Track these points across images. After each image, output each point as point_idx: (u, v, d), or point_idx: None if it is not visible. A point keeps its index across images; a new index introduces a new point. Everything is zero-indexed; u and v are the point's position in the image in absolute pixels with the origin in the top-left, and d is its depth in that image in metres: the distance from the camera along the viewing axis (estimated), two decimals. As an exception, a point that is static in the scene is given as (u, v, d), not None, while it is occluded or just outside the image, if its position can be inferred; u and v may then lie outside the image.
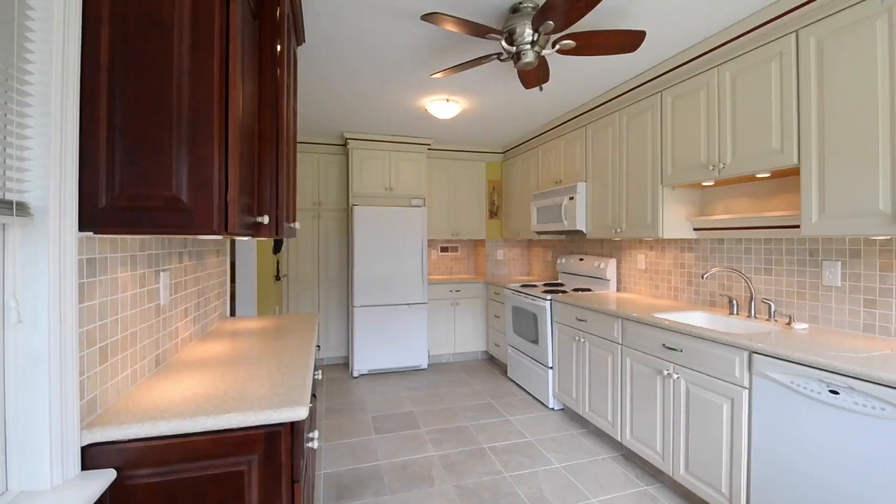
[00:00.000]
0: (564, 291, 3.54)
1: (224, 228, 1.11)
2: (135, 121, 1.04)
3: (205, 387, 1.29)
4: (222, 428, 1.08)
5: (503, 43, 2.04)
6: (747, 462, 1.83)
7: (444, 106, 3.36)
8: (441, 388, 3.89)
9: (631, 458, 2.61)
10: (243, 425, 1.09)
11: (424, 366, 4.42)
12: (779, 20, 2.00)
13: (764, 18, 2.04)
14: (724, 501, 1.91)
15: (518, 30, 2.00)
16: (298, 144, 4.45)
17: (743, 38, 2.16)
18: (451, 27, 1.91)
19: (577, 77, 2.90)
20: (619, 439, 2.61)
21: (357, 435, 2.95)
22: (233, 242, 3.28)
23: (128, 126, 1.04)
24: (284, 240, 4.22)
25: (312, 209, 4.52)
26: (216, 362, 1.55)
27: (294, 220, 2.05)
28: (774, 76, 2.03)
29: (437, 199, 4.91)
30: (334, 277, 4.60)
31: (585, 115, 3.49)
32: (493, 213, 5.17)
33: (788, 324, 2.14)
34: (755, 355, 1.78)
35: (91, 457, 1.01)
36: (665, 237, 2.73)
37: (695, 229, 2.76)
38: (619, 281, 3.58)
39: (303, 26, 2.09)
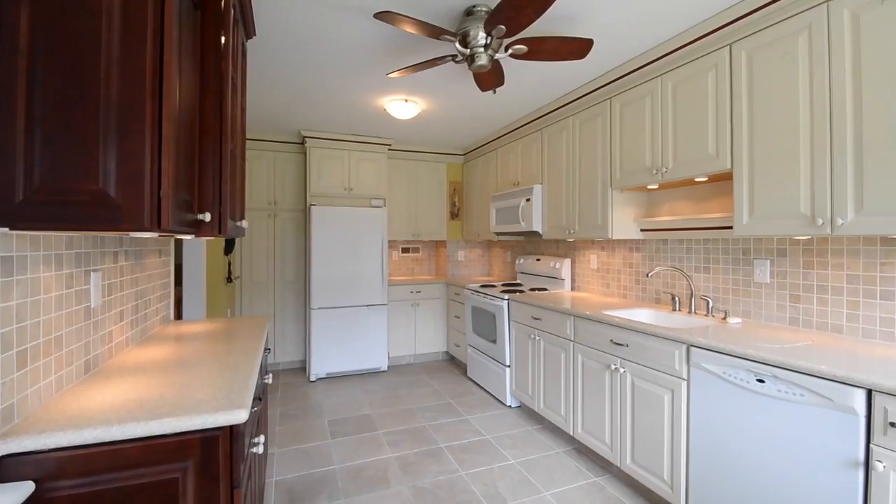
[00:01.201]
0: (522, 291, 3.61)
1: (157, 225, 1.06)
2: (58, 110, 0.98)
3: (138, 392, 1.22)
4: (154, 434, 1.03)
5: (457, 45, 2.07)
6: (686, 450, 1.93)
7: (403, 106, 3.36)
8: (400, 389, 3.87)
9: (583, 452, 2.69)
10: (177, 431, 1.04)
11: (384, 368, 4.39)
12: (714, 34, 2.13)
13: (701, 32, 2.17)
14: (667, 488, 2.01)
15: (472, 32, 2.03)
16: (253, 142, 4.31)
17: (683, 49, 2.29)
18: (404, 27, 1.91)
19: (532, 82, 2.97)
20: (571, 433, 2.69)
21: (312, 440, 2.88)
22: (179, 243, 3.13)
23: (50, 115, 0.97)
24: (236, 240, 4.07)
25: (268, 209, 4.39)
26: (154, 367, 1.47)
27: (242, 219, 1.98)
28: (711, 86, 2.16)
29: (398, 200, 4.89)
30: (291, 279, 4.48)
31: (541, 119, 3.58)
32: (454, 215, 5.21)
33: (724, 318, 2.28)
34: (692, 348, 1.89)
35: (6, 469, 0.94)
36: (614, 238, 2.84)
37: (642, 230, 2.89)
38: (573, 280, 3.69)
39: (252, 19, 2.04)
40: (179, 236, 1.61)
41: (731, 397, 1.73)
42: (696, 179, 2.36)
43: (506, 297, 3.45)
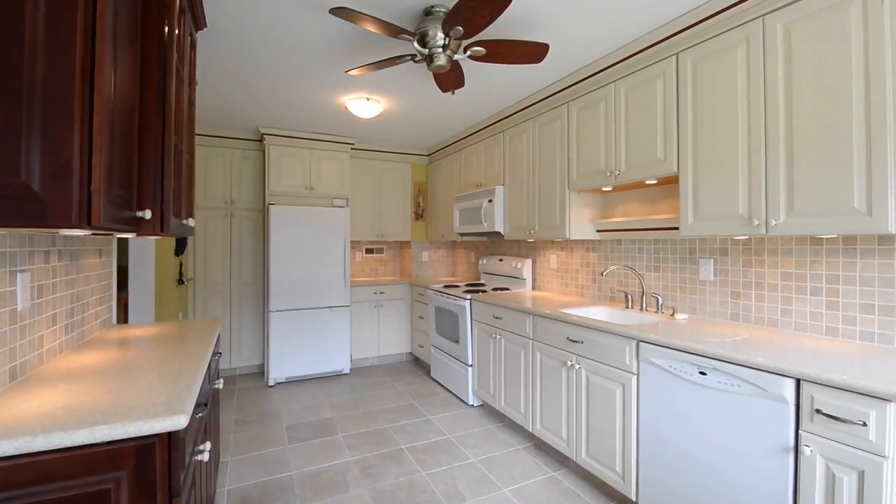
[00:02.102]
0: (484, 291, 3.64)
1: (87, 222, 1.00)
2: (-26, 97, 0.91)
3: (69, 400, 1.14)
4: (84, 443, 0.97)
5: (415, 44, 2.07)
6: (636, 441, 2.00)
7: (364, 105, 3.32)
8: (363, 391, 3.82)
9: (542, 448, 2.75)
10: (109, 439, 0.98)
11: (347, 370, 4.32)
12: (662, 43, 2.23)
13: (651, 41, 2.27)
14: (619, 480, 2.08)
15: (430, 33, 2.03)
16: (209, 138, 4.14)
17: (634, 57, 2.38)
18: (362, 24, 1.89)
19: (494, 84, 3.01)
20: (530, 430, 2.74)
21: (269, 446, 2.79)
22: (124, 243, 2.97)
23: (-36, 103, 0.90)
24: (188, 240, 3.90)
25: (224, 208, 4.23)
26: (89, 373, 1.39)
27: (189, 217, 1.90)
28: (659, 93, 2.26)
29: (362, 200, 4.83)
30: (249, 281, 4.33)
31: (503, 121, 3.63)
32: (419, 215, 5.20)
33: (672, 315, 2.39)
34: (642, 343, 1.96)
35: None
36: (572, 238, 2.92)
37: (597, 231, 2.99)
38: (534, 280, 3.76)
39: (202, 9, 1.96)
40: (119, 235, 1.52)
41: (676, 390, 1.81)
42: (647, 182, 2.46)
43: (468, 296, 3.47)
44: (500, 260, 4.07)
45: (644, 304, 2.62)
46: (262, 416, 3.28)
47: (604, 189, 2.81)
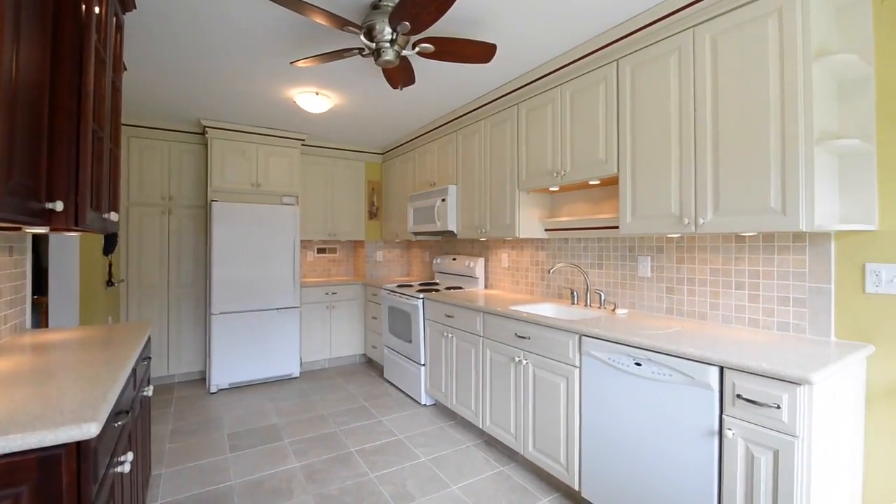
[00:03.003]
0: (437, 290, 3.64)
1: (-23, 211, 0.90)
2: None
3: (-42, 413, 1.02)
4: (-28, 460, 0.86)
5: (362, 38, 2.03)
6: (579, 432, 2.07)
7: (313, 99, 3.23)
8: (312, 395, 3.71)
9: (492, 444, 2.78)
10: (6, 452, 0.89)
11: (296, 374, 4.17)
12: (604, 50, 2.32)
13: (593, 47, 2.36)
14: (563, 471, 2.14)
15: (377, 27, 2.00)
16: (144, 129, 3.87)
17: (579, 62, 2.47)
18: (303, 13, 1.83)
19: (446, 84, 3.02)
20: (481, 426, 2.76)
21: (208, 455, 2.64)
22: (43, 241, 2.71)
23: None
24: (118, 239, 3.63)
25: (161, 204, 3.97)
26: (-12, 382, 1.24)
27: (113, 211, 1.76)
28: (601, 97, 2.35)
29: (314, 198, 4.70)
30: (189, 282, 4.09)
31: (457, 121, 3.65)
32: (373, 214, 5.13)
33: (613, 310, 2.49)
34: (584, 338, 2.03)
35: None
36: (521, 237, 2.98)
37: (546, 230, 3.07)
38: (486, 278, 3.81)
39: (129, -11, 1.82)
40: (29, 229, 1.39)
41: (614, 380, 1.89)
42: (591, 183, 2.55)
43: (421, 296, 3.46)
44: (454, 259, 4.09)
45: (588, 300, 2.71)
46: (201, 425, 3.10)
47: (551, 189, 2.89)
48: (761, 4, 1.69)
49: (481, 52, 2.20)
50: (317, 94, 3.21)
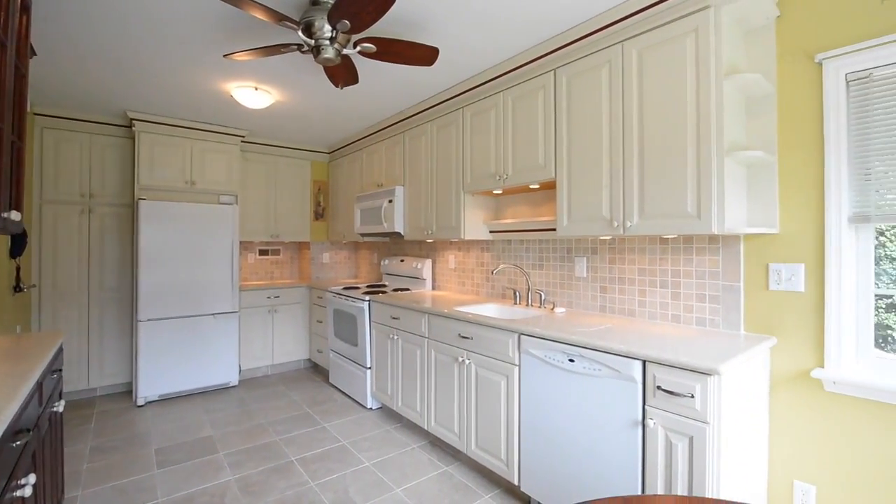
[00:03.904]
0: (384, 292, 3.61)
1: None
2: None
3: None
4: None
5: (300, 33, 1.97)
6: (518, 428, 2.13)
7: (252, 95, 3.10)
8: (252, 404, 3.55)
9: (437, 444, 2.79)
10: None
11: (235, 382, 3.97)
12: (542, 59, 2.41)
13: (532, 56, 2.44)
14: (503, 466, 2.19)
15: (317, 23, 1.96)
16: (59, 120, 3.53)
17: (519, 70, 2.54)
18: (237, 5, 1.76)
19: (393, 85, 3.00)
20: (426, 428, 2.77)
21: (132, 474, 2.45)
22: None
23: None
24: (28, 240, 3.29)
25: (80, 202, 3.64)
26: None
27: (14, 210, 1.59)
28: (540, 105, 2.44)
29: (255, 198, 4.50)
30: (113, 287, 3.77)
31: (404, 122, 3.64)
32: (319, 215, 4.99)
33: (552, 309, 2.59)
34: (522, 336, 2.09)
35: None
36: (467, 238, 3.02)
37: (490, 232, 3.13)
38: (434, 279, 3.82)
39: (35, -34, 1.66)
40: None
41: (550, 377, 1.96)
42: (531, 186, 2.63)
43: (367, 298, 3.41)
44: (402, 261, 4.07)
45: (530, 300, 2.80)
46: (126, 441, 2.87)
47: (495, 192, 2.95)
48: (681, 24, 1.83)
49: (424, 54, 2.21)
50: (256, 89, 3.09)
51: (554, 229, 2.57)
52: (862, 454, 1.64)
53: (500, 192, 2.93)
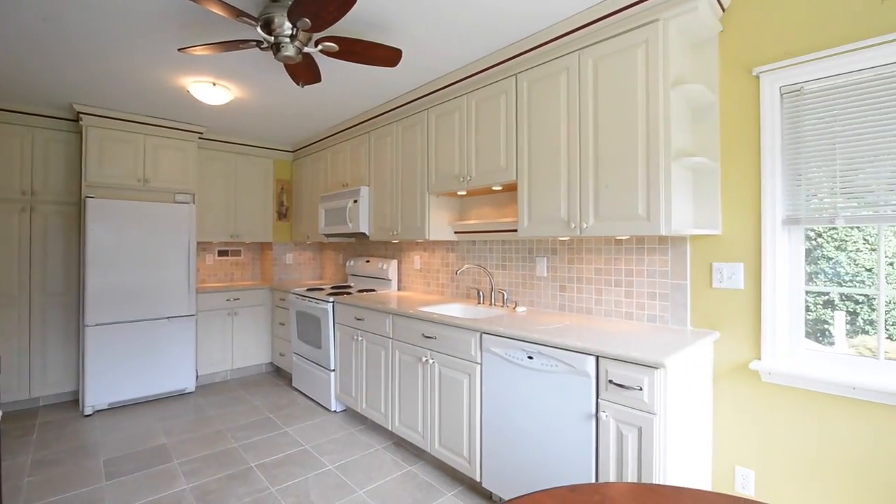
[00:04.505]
0: (349, 293, 3.58)
1: None
2: None
3: None
4: None
5: (259, 30, 1.94)
6: (480, 425, 2.17)
7: (210, 90, 3.00)
8: (209, 410, 3.43)
9: (401, 445, 2.80)
10: None
11: (191, 388, 3.82)
12: (504, 64, 2.46)
13: (495, 61, 2.49)
14: (466, 464, 2.22)
15: (276, 20, 1.93)
16: (-5, 112, 3.31)
17: (482, 74, 2.59)
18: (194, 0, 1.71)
19: (358, 85, 2.99)
20: (390, 429, 2.77)
21: (78, 486, 2.33)
22: None
23: None
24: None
25: (20, 200, 3.41)
26: None
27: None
28: (502, 108, 2.49)
29: (214, 197, 4.35)
30: (58, 290, 3.56)
31: (369, 122, 3.62)
32: (282, 215, 4.88)
33: (514, 308, 2.65)
34: (484, 335, 2.14)
35: None
36: (431, 239, 3.04)
37: (455, 232, 3.17)
38: (399, 280, 3.82)
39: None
40: None
41: (510, 374, 2.01)
42: (494, 188, 2.69)
43: (331, 299, 3.37)
44: (367, 261, 4.04)
45: (493, 300, 2.85)
46: (71, 453, 2.72)
47: (459, 193, 2.99)
48: (632, 35, 1.92)
49: (387, 55, 2.22)
50: (214, 84, 3.00)
51: (516, 230, 2.63)
52: (795, 440, 1.77)
53: (464, 193, 2.97)
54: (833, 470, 1.69)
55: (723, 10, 1.95)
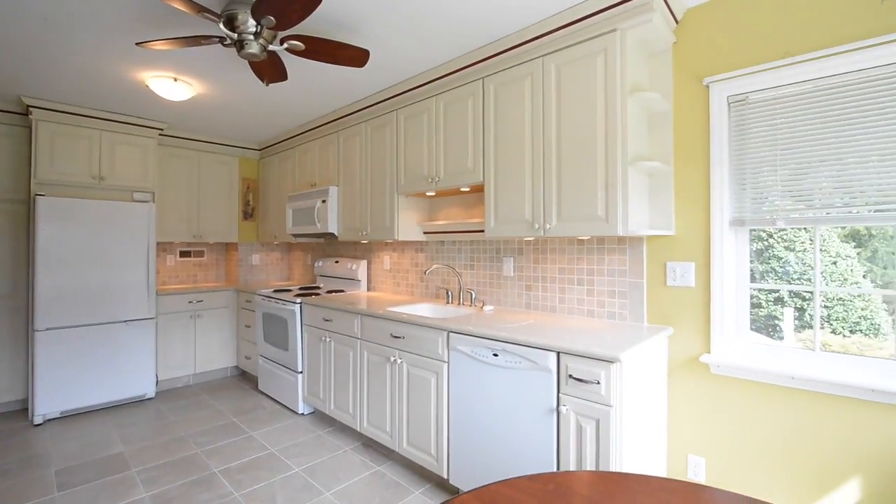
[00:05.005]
0: (318, 294, 3.54)
1: None
2: None
3: None
4: None
5: (222, 26, 1.91)
6: (447, 423, 2.20)
7: (171, 86, 2.91)
8: (170, 416, 3.32)
9: (370, 445, 2.79)
10: None
11: (151, 394, 3.69)
12: (471, 68, 2.51)
13: (462, 64, 2.53)
14: (433, 462, 2.25)
15: (240, 17, 1.90)
16: (-68, 103, 3.09)
17: (450, 76, 2.63)
18: (150, -8, 1.66)
19: (327, 84, 2.97)
20: (358, 429, 2.76)
21: (27, 498, 2.21)
22: None
23: None
24: None
25: (-40, 198, 3.21)
26: None
27: None
28: (470, 111, 2.54)
29: (175, 195, 4.21)
30: (4, 293, 3.36)
31: (338, 121, 3.60)
32: (249, 215, 4.77)
33: (482, 307, 2.70)
34: (451, 334, 2.17)
35: None
36: (401, 239, 3.06)
37: (424, 233, 3.19)
38: (369, 281, 3.81)
39: None
40: None
41: (477, 371, 2.05)
42: (462, 189, 2.73)
43: (298, 300, 3.33)
44: (336, 262, 4.01)
45: (461, 299, 2.89)
46: (20, 463, 2.58)
47: (428, 194, 3.01)
48: (592, 43, 2.00)
49: (355, 55, 2.22)
50: (175, 80, 2.91)
51: (483, 231, 2.68)
52: (741, 428, 1.89)
53: (433, 194, 3.00)
54: (776, 454, 1.81)
55: (676, 22, 2.05)
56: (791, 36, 1.77)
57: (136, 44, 2.09)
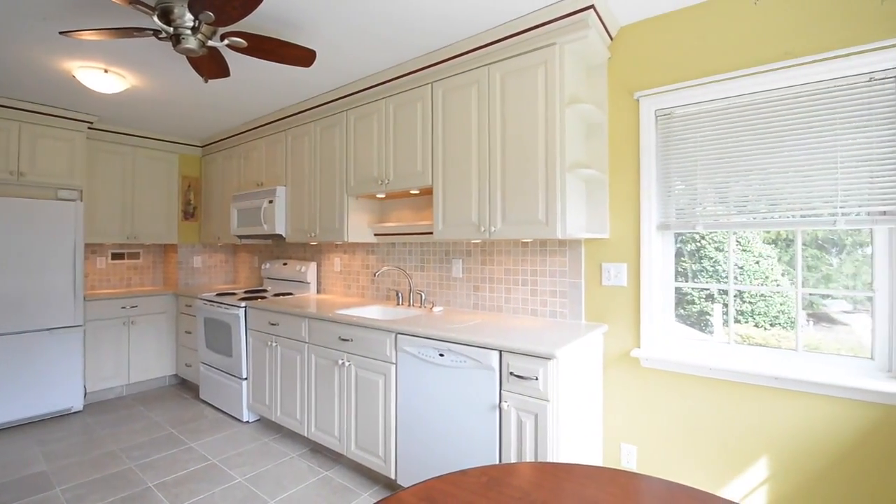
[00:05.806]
0: (264, 297, 3.43)
1: None
2: None
3: None
4: None
5: (156, 19, 1.82)
6: (395, 424, 2.22)
7: (101, 77, 2.73)
8: (100, 430, 3.10)
9: (318, 450, 2.75)
10: None
11: (78, 407, 3.42)
12: (420, 72, 2.54)
13: (410, 69, 2.56)
14: (382, 463, 2.26)
15: (176, 11, 1.83)
16: None
17: (399, 79, 2.65)
18: (74, -21, 1.57)
19: (273, 82, 2.89)
20: (306, 435, 2.71)
21: (-75, 528, 2.00)
22: None
23: None
24: None
25: None
26: None
27: None
28: (419, 115, 2.57)
29: (107, 194, 3.94)
30: None
31: (286, 120, 3.51)
32: (190, 215, 4.54)
33: (431, 308, 2.74)
34: (399, 335, 2.19)
35: None
36: (350, 241, 3.04)
37: (375, 235, 3.19)
38: (319, 283, 3.75)
39: None
40: None
41: (423, 372, 2.09)
42: (412, 192, 2.75)
43: (243, 304, 3.21)
44: (285, 264, 3.91)
45: (412, 301, 2.92)
46: (-85, 491, 2.32)
47: (378, 196, 3.01)
48: (533, 56, 2.09)
49: (300, 55, 2.19)
50: (106, 71, 2.73)
51: (432, 233, 2.72)
52: (668, 417, 2.05)
53: (383, 195, 3.00)
54: (699, 440, 1.98)
55: (611, 38, 2.19)
56: (712, 56, 1.95)
57: (60, 33, 1.95)
